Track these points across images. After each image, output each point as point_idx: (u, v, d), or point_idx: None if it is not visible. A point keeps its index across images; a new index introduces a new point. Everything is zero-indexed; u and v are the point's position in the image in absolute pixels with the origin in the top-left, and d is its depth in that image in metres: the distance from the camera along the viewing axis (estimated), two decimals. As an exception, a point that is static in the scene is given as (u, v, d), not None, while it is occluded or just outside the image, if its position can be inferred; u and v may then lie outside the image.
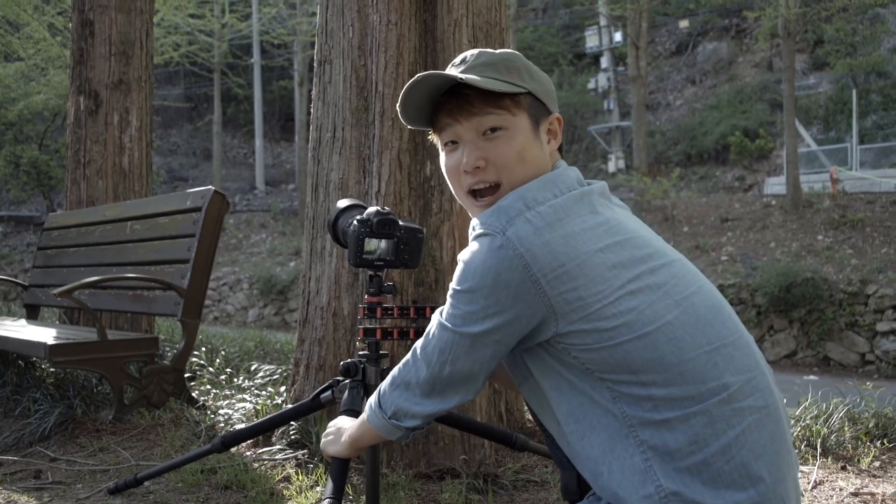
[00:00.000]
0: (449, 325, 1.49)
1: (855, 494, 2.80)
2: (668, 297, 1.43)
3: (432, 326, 1.54)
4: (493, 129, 1.56)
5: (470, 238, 1.52)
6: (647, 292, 1.42)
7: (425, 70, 3.10)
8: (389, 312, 2.23)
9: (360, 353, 2.29)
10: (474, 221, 1.52)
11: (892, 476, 3.02)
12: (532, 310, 1.42)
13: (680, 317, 1.42)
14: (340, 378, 2.33)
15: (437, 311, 1.55)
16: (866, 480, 2.96)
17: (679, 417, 1.38)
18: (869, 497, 2.78)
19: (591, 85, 26.40)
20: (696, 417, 1.37)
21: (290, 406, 3.02)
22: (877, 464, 3.15)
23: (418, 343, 1.58)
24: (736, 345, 1.45)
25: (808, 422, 3.49)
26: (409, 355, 1.60)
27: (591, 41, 26.52)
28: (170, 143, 30.23)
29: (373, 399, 1.66)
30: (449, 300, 1.50)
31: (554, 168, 1.58)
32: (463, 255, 1.49)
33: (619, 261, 1.42)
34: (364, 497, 2.08)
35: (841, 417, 3.52)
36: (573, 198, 1.48)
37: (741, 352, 1.45)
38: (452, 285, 1.49)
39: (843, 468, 3.09)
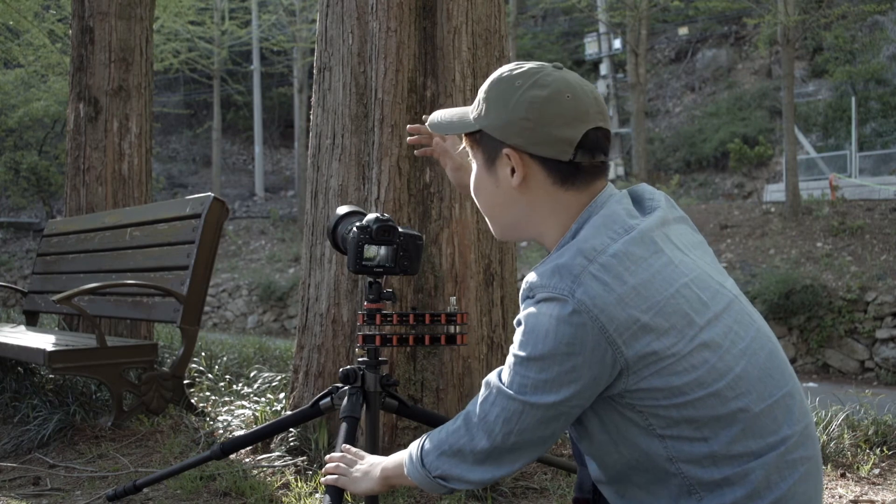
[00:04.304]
0: (517, 394, 1.40)
1: (854, 502, 2.80)
2: (735, 346, 1.40)
3: (491, 393, 1.45)
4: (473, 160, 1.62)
5: (523, 298, 1.45)
6: (718, 343, 1.38)
7: (424, 77, 3.11)
8: (389, 319, 2.23)
9: (360, 359, 2.29)
10: (531, 280, 1.43)
11: (891, 483, 3.02)
12: (609, 370, 1.36)
13: (746, 368, 1.39)
14: (340, 385, 2.34)
15: (495, 376, 1.47)
16: (866, 488, 2.95)
17: (738, 473, 1.37)
18: (868, 504, 2.78)
19: (590, 92, 26.41)
20: (754, 472, 1.36)
21: (289, 413, 3.02)
22: (876, 471, 3.15)
23: (473, 410, 1.49)
24: (792, 394, 1.44)
25: (807, 429, 3.48)
26: (460, 421, 1.51)
27: (591, 48, 26.54)
28: (169, 150, 30.24)
29: (414, 454, 1.57)
30: (514, 367, 1.41)
31: (597, 200, 1.50)
32: (527, 320, 1.40)
33: (690, 307, 1.38)
34: (363, 503, 2.08)
35: (840, 425, 3.52)
36: (633, 241, 1.40)
37: (796, 400, 1.44)
38: (516, 351, 1.41)
39: (843, 475, 3.08)
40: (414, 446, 1.59)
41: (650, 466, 1.42)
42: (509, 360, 1.43)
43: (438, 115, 1.71)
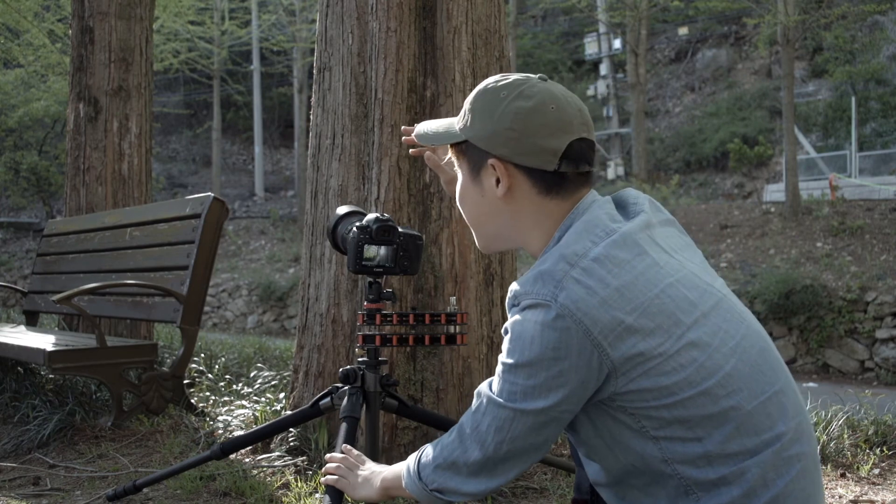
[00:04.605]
0: (506, 402, 1.42)
1: (854, 502, 2.80)
2: (724, 344, 1.40)
3: (482, 403, 1.47)
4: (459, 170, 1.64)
5: (509, 306, 1.46)
6: (705, 342, 1.38)
7: (424, 77, 3.11)
8: (388, 319, 2.23)
9: (360, 359, 2.29)
10: (515, 288, 1.44)
11: (891, 483, 3.02)
12: (597, 373, 1.37)
13: (737, 366, 1.39)
14: (339, 385, 2.34)
15: (485, 386, 1.48)
16: (865, 488, 2.95)
17: (734, 472, 1.36)
18: (868, 504, 2.78)
19: (590, 92, 26.45)
20: (750, 471, 1.36)
21: (289, 413, 3.02)
22: (876, 471, 3.15)
23: (466, 421, 1.50)
24: (784, 390, 1.43)
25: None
26: (454, 433, 1.53)
27: (591, 48, 26.56)
28: (169, 150, 30.25)
29: (412, 467, 1.59)
30: (503, 375, 1.42)
31: (578, 207, 1.51)
32: (513, 327, 1.41)
33: (676, 306, 1.38)
34: (363, 504, 2.08)
35: (840, 425, 3.51)
36: (615, 244, 1.41)
37: (789, 396, 1.44)
38: (504, 360, 1.42)
39: (843, 476, 3.08)
40: (412, 459, 1.61)
41: (646, 469, 1.43)
42: (498, 368, 1.44)
43: (425, 127, 1.72)
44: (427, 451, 1.58)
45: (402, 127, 2.29)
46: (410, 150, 2.13)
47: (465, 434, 1.49)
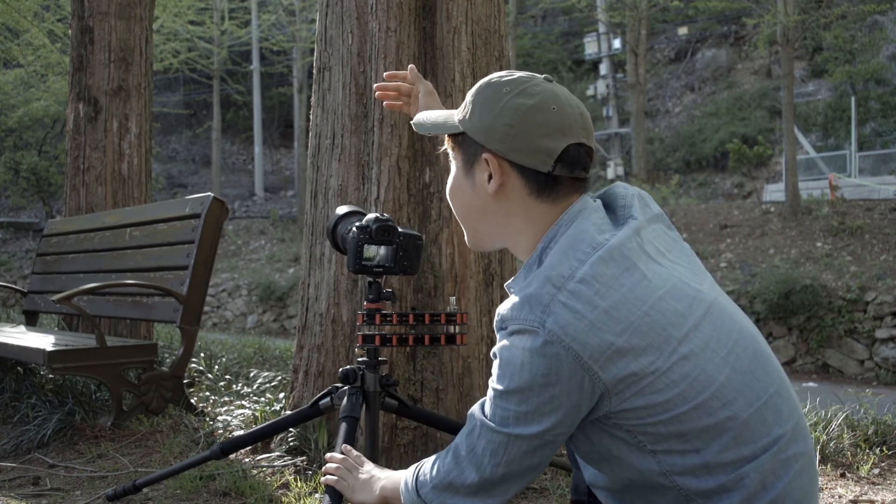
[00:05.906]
0: (500, 427, 1.40)
1: (854, 502, 2.80)
2: (716, 354, 1.38)
3: (475, 427, 1.45)
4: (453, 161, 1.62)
5: (497, 329, 1.45)
6: (697, 355, 1.36)
7: (424, 77, 3.10)
8: (388, 319, 2.23)
9: (359, 359, 2.29)
10: (503, 311, 1.42)
11: (891, 483, 3.02)
12: (589, 396, 1.35)
13: (731, 375, 1.38)
14: (339, 384, 2.34)
15: (478, 409, 1.47)
16: (865, 488, 2.95)
17: (733, 479, 1.36)
18: (868, 504, 2.78)
19: (590, 92, 26.43)
20: (749, 476, 1.36)
21: (289, 413, 3.02)
22: (876, 471, 3.15)
23: (461, 443, 1.48)
24: (780, 392, 1.43)
25: (807, 429, 3.48)
26: (450, 454, 1.51)
27: (590, 48, 26.54)
28: (169, 150, 30.25)
29: (410, 482, 1.58)
30: (494, 400, 1.41)
31: (562, 218, 1.48)
32: (501, 353, 1.40)
33: (667, 321, 1.36)
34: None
35: (840, 424, 3.51)
36: (602, 261, 1.38)
37: (784, 398, 1.43)
38: (494, 385, 1.41)
39: (843, 475, 3.08)
40: (410, 474, 1.59)
41: (644, 482, 1.43)
42: (489, 392, 1.43)
43: (423, 116, 1.72)
44: (424, 468, 1.56)
45: (386, 73, 2.29)
46: (385, 104, 2.18)
47: (460, 456, 1.48)
